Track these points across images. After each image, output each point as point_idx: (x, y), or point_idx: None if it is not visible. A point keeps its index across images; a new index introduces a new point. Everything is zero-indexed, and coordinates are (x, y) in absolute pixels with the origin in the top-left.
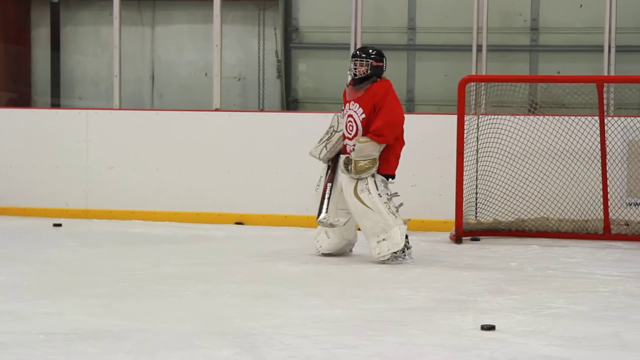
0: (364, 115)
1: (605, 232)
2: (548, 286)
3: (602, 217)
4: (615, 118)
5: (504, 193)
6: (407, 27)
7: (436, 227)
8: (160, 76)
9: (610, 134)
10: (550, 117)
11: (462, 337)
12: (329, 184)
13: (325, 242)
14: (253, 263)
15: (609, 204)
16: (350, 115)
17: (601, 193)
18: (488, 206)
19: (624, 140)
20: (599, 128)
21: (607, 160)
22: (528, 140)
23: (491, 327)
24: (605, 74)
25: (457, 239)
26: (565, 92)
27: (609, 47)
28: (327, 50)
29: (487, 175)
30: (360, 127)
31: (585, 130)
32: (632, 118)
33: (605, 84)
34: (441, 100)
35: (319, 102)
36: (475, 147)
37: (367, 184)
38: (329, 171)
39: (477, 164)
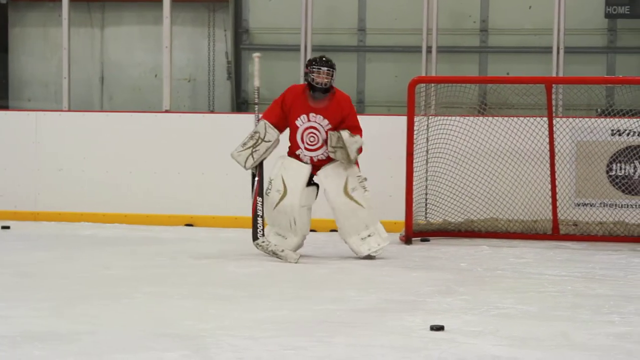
0: (329, 127)
1: (554, 232)
2: (497, 286)
3: (551, 218)
4: (564, 119)
5: (454, 194)
6: (357, 29)
7: (386, 227)
8: (110, 78)
9: (559, 135)
10: (500, 118)
11: (411, 338)
12: (259, 199)
13: (283, 243)
14: (203, 265)
15: (558, 204)
16: (312, 127)
17: (550, 194)
18: (438, 207)
19: (573, 141)
20: (547, 129)
21: (555, 161)
22: (477, 141)
23: (440, 328)
24: (554, 75)
25: (407, 239)
26: (515, 93)
27: (558, 48)
28: (278, 51)
29: (437, 176)
30: (324, 137)
31: (534, 131)
32: (580, 119)
33: (554, 85)
34: (391, 101)
35: (269, 103)
36: (425, 148)
37: (360, 181)
38: (256, 182)
39: (427, 164)
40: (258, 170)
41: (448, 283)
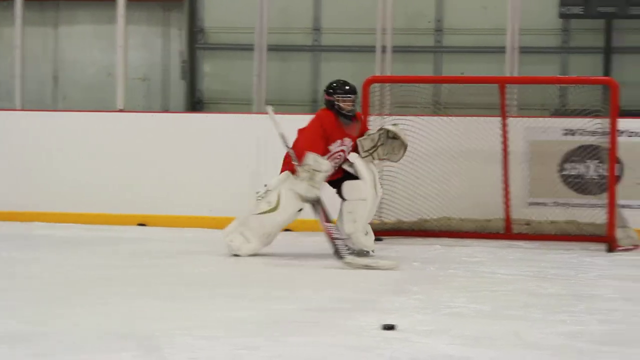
0: (351, 149)
1: (507, 231)
2: (450, 286)
3: (504, 217)
4: (518, 119)
5: (408, 193)
6: (312, 28)
7: None
8: (63, 77)
9: (512, 135)
10: (454, 117)
11: (363, 337)
12: (329, 224)
13: (245, 246)
14: (157, 265)
15: (511, 203)
16: (341, 151)
17: (503, 193)
18: (392, 206)
19: (526, 141)
20: (501, 128)
21: (509, 161)
22: (432, 141)
23: (392, 327)
24: (508, 75)
25: None
26: (469, 92)
27: (512, 48)
28: (233, 51)
29: (391, 176)
30: (345, 158)
31: (488, 130)
32: (534, 118)
33: (507, 84)
34: None
35: (224, 103)
36: None
37: (380, 177)
38: (321, 208)
39: (381, 163)
40: (319, 202)
41: (401, 282)
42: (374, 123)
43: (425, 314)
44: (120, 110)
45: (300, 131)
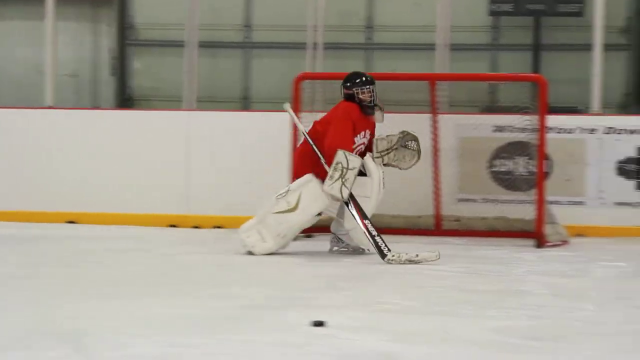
0: (369, 141)
1: (437, 228)
2: (379, 282)
3: (434, 213)
4: (448, 115)
5: None
6: (243, 25)
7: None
8: None
9: (443, 131)
10: (385, 114)
11: (293, 334)
12: (366, 222)
13: (260, 245)
14: (87, 262)
15: (441, 200)
16: (363, 143)
17: (433, 189)
18: None
19: (456, 137)
20: (432, 125)
21: (439, 157)
22: None
23: (322, 324)
24: (439, 71)
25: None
26: (400, 89)
27: (443, 45)
28: (163, 47)
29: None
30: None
31: (418, 127)
32: (463, 115)
33: (438, 81)
34: (277, 97)
35: (154, 99)
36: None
37: (384, 179)
38: (353, 205)
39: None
40: (352, 199)
41: (331, 279)
42: (305, 119)
43: (355, 311)
44: (50, 107)
45: (319, 123)
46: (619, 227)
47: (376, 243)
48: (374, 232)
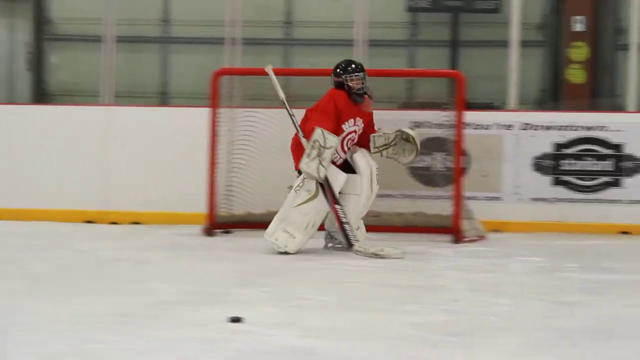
0: (362, 130)
1: None
2: (298, 278)
3: None
4: None
5: (257, 185)
6: (161, 20)
7: (190, 220)
8: None
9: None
10: (304, 110)
11: (209, 330)
12: (337, 207)
13: (291, 242)
14: (0, 260)
15: None
16: (354, 131)
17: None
18: (240, 198)
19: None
20: None
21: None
22: (281, 133)
23: (239, 320)
24: None
25: (209, 231)
26: (319, 85)
27: (361, 41)
28: (81, 42)
29: (241, 168)
30: (356, 140)
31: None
32: (382, 111)
33: None
34: (196, 93)
35: (71, 94)
36: (229, 139)
37: (377, 174)
38: (326, 191)
39: (231, 156)
40: (327, 180)
41: (249, 275)
42: (224, 115)
43: (273, 306)
44: None
45: (310, 110)
46: (535, 223)
47: (345, 231)
48: (345, 220)
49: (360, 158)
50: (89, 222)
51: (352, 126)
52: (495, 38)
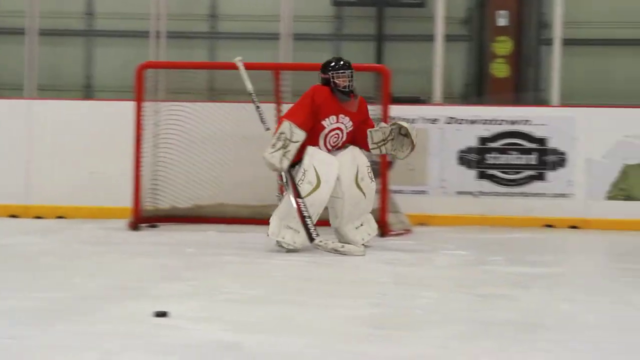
0: (352, 128)
1: None
2: (224, 272)
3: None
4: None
5: (182, 179)
6: (85, 13)
7: (116, 214)
8: None
9: None
10: (229, 103)
11: (135, 325)
12: (299, 200)
13: (297, 237)
14: None
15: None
16: (338, 129)
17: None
18: (166, 192)
19: None
20: (275, 114)
21: None
22: (207, 127)
23: (165, 314)
24: (282, 61)
25: (134, 225)
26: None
27: (286, 35)
28: (3, 35)
29: (166, 161)
30: (345, 138)
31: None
32: None
33: (282, 71)
34: (121, 86)
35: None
36: (154, 133)
37: (369, 171)
38: (289, 183)
39: (156, 150)
40: (289, 173)
41: (174, 269)
42: (149, 109)
43: (199, 301)
44: None
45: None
46: (461, 216)
47: (306, 225)
48: (306, 214)
49: (343, 157)
50: (12, 216)
51: (335, 123)
52: (421, 32)
